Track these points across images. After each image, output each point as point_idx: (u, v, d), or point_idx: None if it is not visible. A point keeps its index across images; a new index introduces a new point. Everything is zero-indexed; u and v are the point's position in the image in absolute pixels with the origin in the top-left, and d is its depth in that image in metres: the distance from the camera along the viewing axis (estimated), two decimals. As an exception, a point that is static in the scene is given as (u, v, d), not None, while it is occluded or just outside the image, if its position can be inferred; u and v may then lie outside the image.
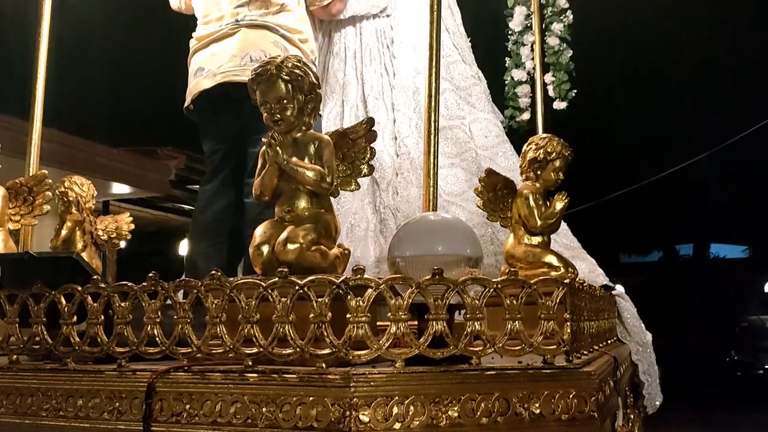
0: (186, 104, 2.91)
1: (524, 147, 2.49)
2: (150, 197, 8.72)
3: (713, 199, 15.31)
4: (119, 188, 7.77)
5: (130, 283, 1.58)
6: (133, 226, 2.87)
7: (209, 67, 2.78)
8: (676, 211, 16.18)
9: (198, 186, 3.35)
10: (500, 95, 3.90)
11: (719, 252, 20.53)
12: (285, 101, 1.76)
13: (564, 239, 3.10)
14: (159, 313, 1.54)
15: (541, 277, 1.57)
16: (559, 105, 3.72)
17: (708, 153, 9.58)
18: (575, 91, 3.75)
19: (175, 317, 1.52)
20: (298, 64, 1.80)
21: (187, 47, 3.01)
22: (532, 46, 3.77)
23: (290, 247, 1.67)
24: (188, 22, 3.10)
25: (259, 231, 1.76)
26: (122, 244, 2.91)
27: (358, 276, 1.44)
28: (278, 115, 1.77)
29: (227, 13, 2.82)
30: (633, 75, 11.89)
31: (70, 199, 2.69)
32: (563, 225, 2.95)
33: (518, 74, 3.81)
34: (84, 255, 2.61)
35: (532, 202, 2.35)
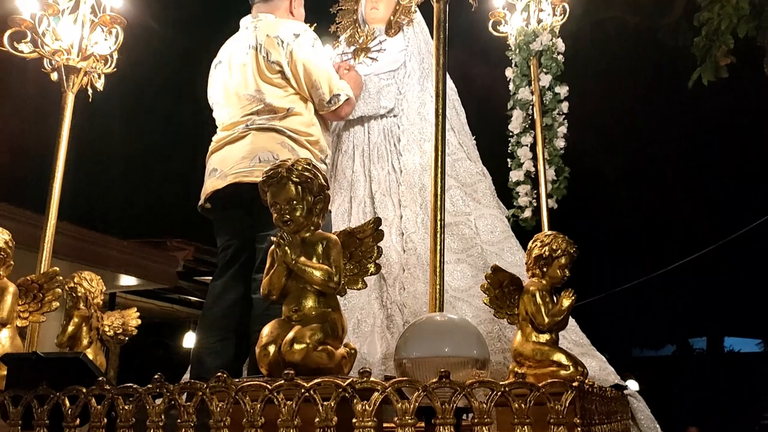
0: (200, 202, 3.03)
1: (530, 244, 2.50)
2: (157, 288, 8.70)
3: (726, 291, 15.12)
4: (127, 280, 7.77)
5: (134, 385, 1.57)
6: (139, 322, 2.87)
7: (221, 168, 2.92)
8: (688, 305, 15.95)
9: (205, 277, 3.40)
10: (506, 188, 3.94)
11: (733, 346, 20.09)
12: (294, 202, 1.81)
13: (573, 335, 3.07)
14: (162, 416, 1.52)
15: (550, 380, 1.55)
16: (552, 204, 3.76)
17: (719, 244, 9.54)
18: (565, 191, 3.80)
19: (179, 421, 1.49)
20: (307, 166, 1.85)
21: (195, 144, 3.17)
22: (531, 147, 3.85)
23: (297, 347, 1.67)
24: (196, 119, 3.25)
25: (266, 331, 1.76)
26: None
27: (365, 379, 1.43)
28: (288, 216, 1.81)
29: (238, 120, 2.97)
30: (640, 166, 12.02)
31: (79, 294, 2.69)
32: (572, 321, 2.92)
33: (516, 175, 3.87)
34: (89, 351, 2.60)
35: (539, 299, 2.34)
